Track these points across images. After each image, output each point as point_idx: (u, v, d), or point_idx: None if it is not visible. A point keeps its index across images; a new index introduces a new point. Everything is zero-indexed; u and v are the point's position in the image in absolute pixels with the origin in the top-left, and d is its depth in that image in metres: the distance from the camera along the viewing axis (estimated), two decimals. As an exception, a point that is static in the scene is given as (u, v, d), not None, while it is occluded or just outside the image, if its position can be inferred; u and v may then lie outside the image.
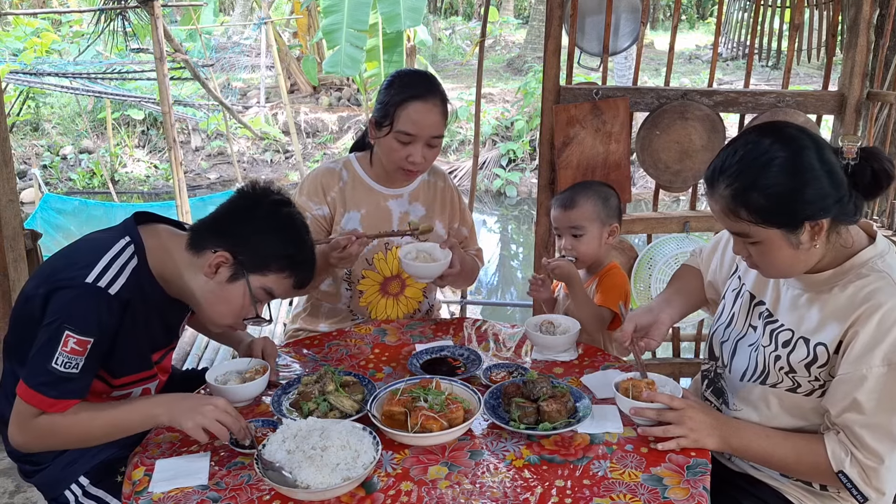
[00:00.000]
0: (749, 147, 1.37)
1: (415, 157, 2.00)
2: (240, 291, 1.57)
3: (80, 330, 1.44)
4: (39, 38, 10.18)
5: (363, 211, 2.14)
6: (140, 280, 1.56)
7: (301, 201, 2.12)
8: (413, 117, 1.96)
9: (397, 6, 7.83)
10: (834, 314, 1.42)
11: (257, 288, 1.58)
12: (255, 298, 1.59)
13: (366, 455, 1.36)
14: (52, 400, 1.45)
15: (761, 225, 1.36)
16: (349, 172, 2.16)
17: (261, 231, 1.57)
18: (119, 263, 1.53)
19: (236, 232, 1.57)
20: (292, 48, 13.82)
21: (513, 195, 10.69)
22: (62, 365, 1.43)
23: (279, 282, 1.60)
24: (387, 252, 2.17)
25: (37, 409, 1.46)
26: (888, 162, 1.39)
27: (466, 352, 1.88)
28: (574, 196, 2.12)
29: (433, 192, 2.24)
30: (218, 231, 1.58)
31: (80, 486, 1.65)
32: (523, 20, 20.00)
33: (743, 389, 1.58)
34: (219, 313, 1.61)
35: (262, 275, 1.58)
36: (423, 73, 2.10)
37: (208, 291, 1.58)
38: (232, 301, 1.58)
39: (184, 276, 1.60)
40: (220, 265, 1.55)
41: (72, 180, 11.17)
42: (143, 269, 1.57)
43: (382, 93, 2.03)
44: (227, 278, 1.56)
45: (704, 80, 3.30)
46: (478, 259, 2.34)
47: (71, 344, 1.44)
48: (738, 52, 4.56)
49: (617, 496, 1.30)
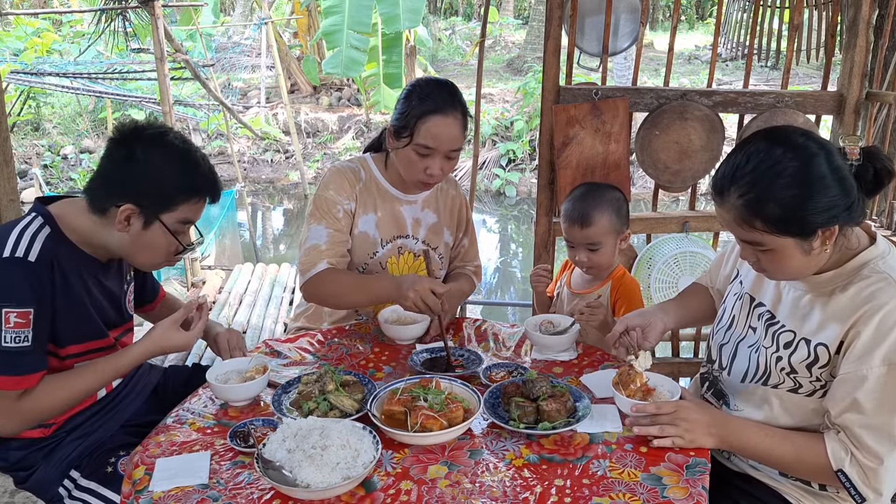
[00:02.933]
0: (761, 156, 1.36)
1: (433, 169, 1.97)
2: (158, 234, 1.59)
3: (16, 303, 1.45)
4: (40, 38, 10.18)
5: (379, 214, 2.13)
6: (58, 245, 1.56)
7: (329, 195, 2.06)
8: (433, 131, 1.92)
9: (396, 7, 7.82)
10: (835, 315, 1.42)
11: (173, 223, 1.60)
12: (176, 233, 1.61)
13: (366, 454, 1.37)
14: (17, 377, 1.46)
15: (775, 234, 1.37)
16: (367, 173, 2.14)
17: (152, 170, 1.56)
18: (30, 233, 1.53)
19: (128, 180, 1.56)
20: (292, 48, 13.83)
21: (512, 195, 10.70)
22: (12, 341, 1.45)
23: (191, 208, 1.62)
24: (399, 256, 2.17)
25: (10, 392, 1.47)
26: (889, 160, 1.41)
27: (466, 352, 1.88)
28: (589, 211, 2.03)
29: (444, 200, 2.24)
30: (112, 186, 1.58)
31: (72, 479, 1.66)
32: (523, 20, 20.01)
33: (744, 391, 1.58)
34: (147, 259, 1.64)
35: (172, 211, 1.59)
36: (443, 84, 2.01)
37: (128, 244, 1.60)
38: (155, 245, 1.61)
39: (100, 237, 1.61)
40: (129, 217, 1.56)
41: (72, 180, 11.16)
42: (58, 236, 1.57)
43: (402, 102, 1.98)
44: (141, 227, 1.57)
45: (704, 81, 3.30)
46: (475, 277, 2.33)
47: (13, 319, 1.44)
48: (737, 53, 4.57)
49: (616, 495, 1.30)
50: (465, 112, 1.98)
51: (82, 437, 1.70)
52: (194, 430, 1.57)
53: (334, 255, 2.03)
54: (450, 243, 2.26)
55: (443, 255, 2.24)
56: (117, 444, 1.72)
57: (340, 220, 2.06)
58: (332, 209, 2.06)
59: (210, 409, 1.66)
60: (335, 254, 2.03)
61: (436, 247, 2.21)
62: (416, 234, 2.18)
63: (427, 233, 2.19)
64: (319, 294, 2.06)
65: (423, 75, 2.10)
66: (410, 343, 1.98)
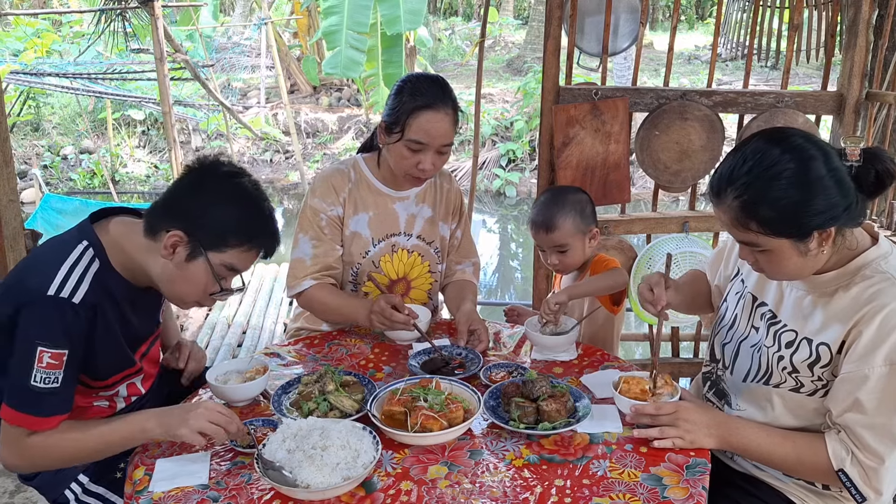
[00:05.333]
0: (758, 157, 1.36)
1: (425, 164, 1.99)
2: (201, 270, 1.52)
3: (52, 344, 1.42)
4: (40, 38, 10.18)
5: (371, 213, 2.14)
6: (104, 282, 1.52)
7: (314, 203, 2.10)
8: (425, 127, 1.94)
9: (397, 8, 7.82)
10: (837, 315, 1.42)
11: (218, 265, 1.53)
12: (218, 275, 1.54)
13: (366, 455, 1.37)
14: (39, 418, 1.43)
15: (771, 236, 1.37)
16: (357, 173, 2.15)
17: (212, 205, 1.51)
18: (79, 270, 1.49)
19: (188, 209, 1.51)
20: (292, 48, 13.82)
21: (512, 195, 10.69)
22: (42, 381, 1.41)
23: (240, 256, 1.54)
24: (393, 254, 2.18)
25: (26, 430, 1.44)
26: (891, 161, 1.40)
27: (466, 351, 1.89)
28: (551, 217, 2.07)
29: (440, 195, 2.25)
30: (170, 211, 1.53)
31: (80, 483, 1.65)
32: (523, 21, 19.99)
33: (746, 390, 1.58)
34: (183, 293, 1.57)
35: (221, 251, 1.52)
36: (434, 79, 2.04)
37: (169, 272, 1.54)
38: (194, 280, 1.54)
39: (145, 262, 1.56)
40: (175, 245, 1.50)
41: (72, 180, 11.16)
42: (106, 270, 1.54)
43: (392, 98, 2.00)
44: (185, 258, 1.51)
45: (703, 81, 3.30)
46: (474, 277, 2.33)
47: (46, 359, 1.41)
48: (737, 53, 4.57)
49: (616, 495, 1.30)
50: (455, 107, 2.01)
51: None
52: (194, 430, 1.56)
53: (319, 271, 2.08)
54: (447, 237, 2.26)
55: (439, 249, 2.25)
56: (127, 450, 1.71)
57: (324, 229, 2.09)
58: (316, 219, 2.09)
59: (210, 409, 1.65)
60: (320, 269, 2.08)
61: (431, 241, 2.22)
62: (410, 231, 2.19)
63: (423, 227, 2.20)
64: (308, 308, 2.16)
65: (419, 74, 2.08)
66: (410, 344, 1.98)
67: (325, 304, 2.08)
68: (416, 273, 2.22)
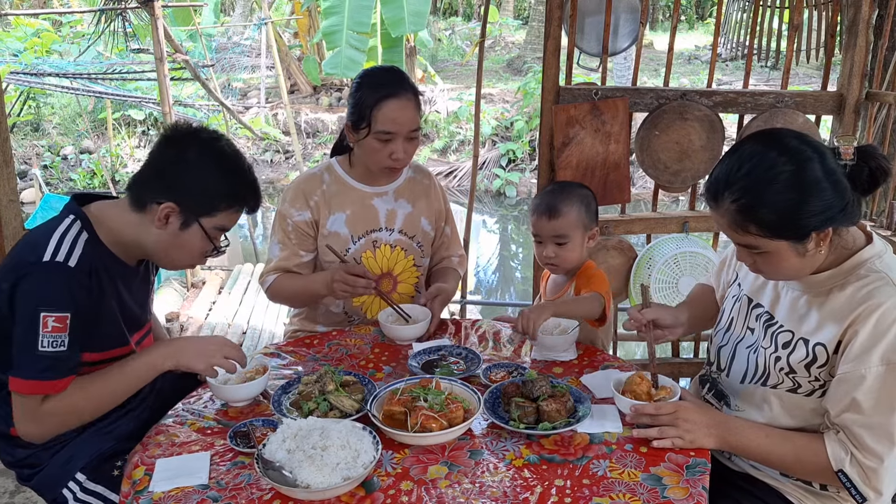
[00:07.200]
0: (754, 160, 1.36)
1: (397, 153, 2.02)
2: (196, 236, 1.61)
3: (55, 308, 1.45)
4: (40, 38, 10.18)
5: (348, 212, 2.15)
6: (96, 250, 1.57)
7: (283, 208, 2.15)
8: (390, 115, 1.97)
9: (401, 10, 7.83)
10: (833, 314, 1.42)
11: (210, 228, 1.61)
12: (211, 238, 1.63)
13: (366, 455, 1.37)
14: (51, 382, 1.46)
15: (770, 238, 1.37)
16: (331, 175, 2.17)
17: (200, 174, 1.58)
18: (70, 237, 1.54)
19: (175, 179, 1.57)
20: (292, 48, 13.82)
21: (512, 195, 10.69)
22: (49, 345, 1.44)
23: (230, 216, 1.64)
24: (375, 250, 2.18)
25: (40, 397, 1.47)
26: (884, 159, 1.40)
27: (465, 351, 1.89)
28: (556, 204, 2.03)
29: (419, 189, 2.26)
30: (157, 183, 1.58)
31: (78, 482, 1.65)
32: (523, 21, 20.00)
33: (744, 391, 1.59)
34: (178, 258, 1.66)
35: (212, 216, 1.60)
36: (390, 69, 2.11)
37: (164, 242, 1.61)
38: (189, 246, 1.62)
39: (137, 236, 1.61)
40: (168, 215, 1.57)
41: (72, 180, 11.16)
42: (96, 241, 1.58)
43: (353, 95, 2.04)
44: (179, 226, 1.58)
45: (703, 81, 3.30)
46: (459, 268, 2.37)
47: (51, 323, 1.44)
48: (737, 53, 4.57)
49: (616, 496, 1.30)
50: (416, 92, 2.05)
51: (91, 440, 1.68)
52: (194, 430, 1.57)
53: (284, 270, 2.16)
54: (430, 232, 2.27)
55: (422, 244, 2.26)
56: (125, 448, 1.71)
57: (290, 234, 2.15)
58: (283, 224, 2.15)
59: (210, 409, 1.66)
60: (286, 268, 2.16)
61: (413, 235, 2.23)
62: (391, 226, 2.19)
63: (404, 222, 2.21)
64: (279, 300, 2.27)
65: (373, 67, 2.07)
66: (410, 344, 1.98)
67: (290, 288, 2.15)
68: (400, 268, 2.23)
